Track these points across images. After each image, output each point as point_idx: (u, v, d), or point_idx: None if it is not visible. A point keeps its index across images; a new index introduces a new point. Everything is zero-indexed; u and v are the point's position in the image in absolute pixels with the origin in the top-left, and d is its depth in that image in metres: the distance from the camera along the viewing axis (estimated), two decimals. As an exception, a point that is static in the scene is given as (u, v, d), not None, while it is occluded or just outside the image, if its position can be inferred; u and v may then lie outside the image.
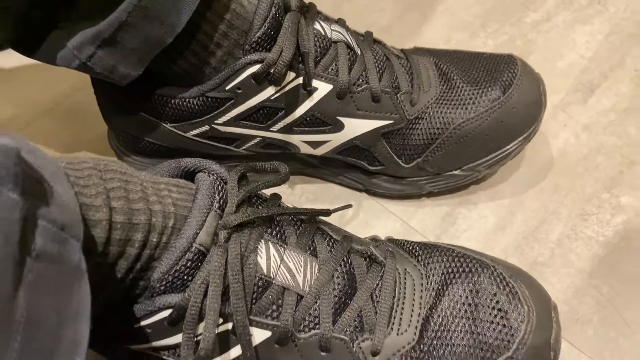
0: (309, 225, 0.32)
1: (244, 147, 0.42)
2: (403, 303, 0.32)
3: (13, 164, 0.19)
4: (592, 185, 0.45)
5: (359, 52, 0.40)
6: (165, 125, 0.40)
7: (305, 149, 0.42)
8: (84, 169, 0.25)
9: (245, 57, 0.36)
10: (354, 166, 0.44)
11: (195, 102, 0.38)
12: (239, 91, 0.37)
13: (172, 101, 0.38)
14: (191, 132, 0.40)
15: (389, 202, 0.45)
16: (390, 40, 0.46)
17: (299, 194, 0.46)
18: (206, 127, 0.40)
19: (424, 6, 0.58)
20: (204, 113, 0.39)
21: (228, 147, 0.42)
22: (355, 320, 0.31)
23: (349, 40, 0.40)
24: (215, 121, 0.39)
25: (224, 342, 0.29)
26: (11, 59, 0.55)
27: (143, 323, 0.28)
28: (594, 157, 0.46)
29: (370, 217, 0.45)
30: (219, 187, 0.29)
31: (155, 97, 0.39)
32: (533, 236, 0.43)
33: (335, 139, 0.41)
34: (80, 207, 0.22)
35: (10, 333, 0.18)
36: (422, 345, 0.31)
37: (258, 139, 0.41)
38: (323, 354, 0.30)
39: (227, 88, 0.37)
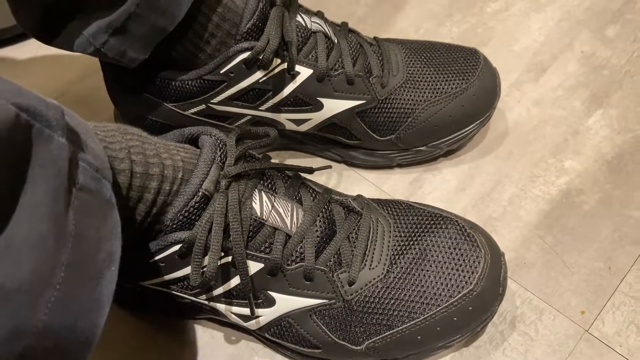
0: (295, 180, 0.40)
1: (236, 124, 0.50)
2: (374, 245, 0.40)
3: (60, 117, 0.26)
4: (541, 151, 0.53)
5: (336, 41, 0.48)
6: (166, 104, 0.48)
7: (290, 126, 0.50)
8: (108, 130, 0.33)
9: (237, 45, 0.43)
10: (334, 141, 0.52)
11: (193, 84, 0.46)
12: (232, 75, 0.45)
13: (173, 83, 0.46)
14: (190, 111, 0.48)
15: (365, 171, 0.53)
16: (365, 30, 0.53)
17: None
18: (203, 106, 0.47)
19: (396, -1, 0.66)
20: (201, 94, 0.46)
21: (222, 124, 0.49)
22: (334, 257, 0.38)
23: (327, 31, 0.47)
24: (211, 101, 0.47)
25: (225, 273, 0.37)
26: (19, 51, 0.63)
27: (157, 257, 0.36)
28: (543, 128, 0.55)
29: (349, 184, 0.53)
30: (220, 145, 0.36)
31: (158, 79, 0.46)
32: (488, 196, 0.51)
33: (316, 117, 0.49)
34: (108, 158, 0.30)
35: (64, 242, 0.25)
36: (389, 278, 0.39)
37: (248, 117, 0.49)
38: (307, 282, 0.38)
39: (221, 72, 0.45)
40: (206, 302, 0.39)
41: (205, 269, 0.34)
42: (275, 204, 0.37)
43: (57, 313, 0.24)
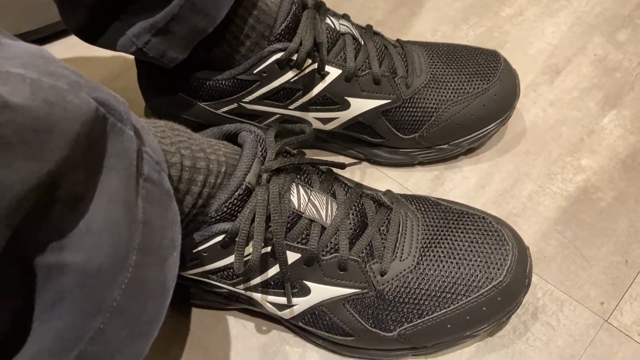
0: (329, 175, 0.42)
1: (265, 123, 0.52)
2: (404, 237, 0.42)
3: (128, 111, 0.28)
4: (557, 150, 0.55)
5: (363, 43, 0.50)
6: (199, 103, 0.50)
7: (317, 125, 0.52)
8: (158, 125, 0.35)
9: (271, 46, 0.45)
10: (357, 139, 0.54)
11: (226, 84, 0.48)
12: (264, 74, 0.47)
13: (207, 83, 0.48)
14: (222, 109, 0.50)
15: (387, 169, 0.55)
16: (384, 33, 0.55)
17: (310, 164, 0.56)
18: (235, 105, 0.49)
19: (412, 3, 0.69)
20: (234, 93, 0.48)
21: (252, 122, 0.52)
22: (366, 248, 0.40)
23: (354, 33, 0.50)
24: (243, 100, 0.49)
25: (263, 263, 0.39)
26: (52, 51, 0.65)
27: (200, 248, 0.37)
28: (559, 128, 0.57)
29: (372, 181, 0.55)
30: (260, 141, 0.38)
31: (192, 79, 0.48)
32: (508, 193, 0.53)
33: (342, 116, 0.51)
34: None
35: (136, 227, 0.27)
36: (419, 269, 0.41)
37: (277, 116, 0.51)
38: (341, 272, 0.40)
39: (254, 72, 0.47)
40: (243, 292, 0.41)
41: (248, 258, 0.36)
42: (311, 197, 0.39)
43: (130, 294, 0.26)
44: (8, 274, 0.23)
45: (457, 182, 0.54)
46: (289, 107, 0.50)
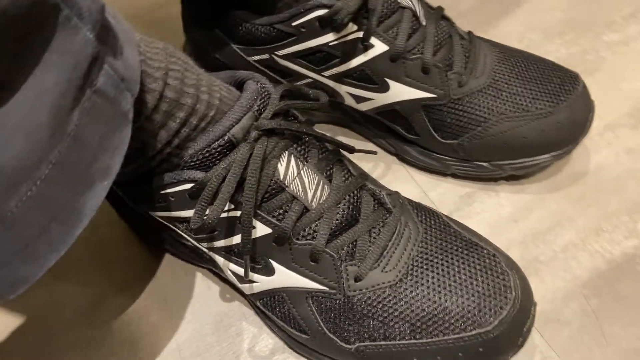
0: (332, 155, 0.38)
1: (296, 84, 0.48)
2: (395, 247, 0.37)
3: (97, 11, 0.25)
4: (616, 205, 0.48)
5: (424, 23, 0.45)
6: (233, 45, 0.47)
7: (350, 101, 0.48)
8: (154, 47, 0.32)
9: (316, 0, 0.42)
10: (391, 130, 0.49)
11: (262, 30, 0.45)
12: (303, 30, 0.43)
13: (244, 24, 0.45)
14: (253, 57, 0.47)
15: (415, 171, 0.50)
16: (463, 25, 0.50)
17: (335, 142, 0.52)
18: (267, 56, 0.46)
19: (507, 0, 0.62)
20: (268, 42, 0.45)
21: (282, 80, 0.48)
22: (348, 246, 0.36)
23: (417, 10, 0.44)
24: (276, 52, 0.45)
25: (230, 227, 0.36)
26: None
27: (168, 190, 0.35)
28: (626, 180, 0.49)
29: (394, 180, 0.50)
30: (263, 95, 0.35)
31: (231, 16, 0.45)
32: (542, 236, 0.46)
33: (378, 99, 0.46)
34: (141, 73, 0.29)
35: (60, 139, 0.24)
36: (399, 287, 0.36)
37: (309, 80, 0.47)
38: (312, 263, 0.36)
39: (293, 24, 0.43)
40: (206, 251, 0.38)
41: (206, 217, 0.33)
42: (302, 172, 0.36)
43: (30, 209, 0.23)
44: None
45: (488, 207, 0.48)
46: (323, 74, 0.46)
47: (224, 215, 0.35)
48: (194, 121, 0.33)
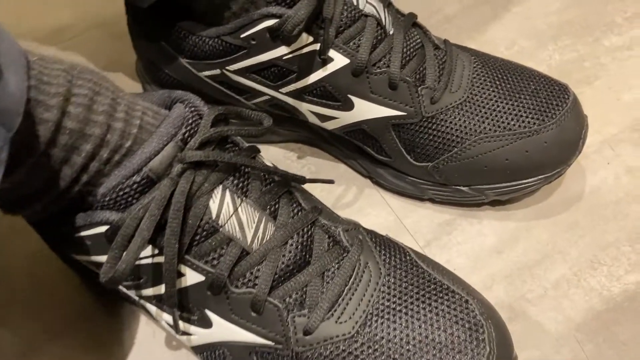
0: (279, 187, 0.33)
1: (253, 102, 0.43)
2: (352, 294, 0.32)
3: None
4: (615, 233, 0.42)
5: (390, 32, 0.40)
6: (181, 59, 0.42)
7: (314, 120, 0.43)
8: (55, 69, 0.27)
9: (264, 9, 0.37)
10: (363, 150, 0.44)
11: (210, 43, 0.40)
12: (253, 42, 0.38)
13: (190, 37, 0.40)
14: (204, 73, 0.42)
15: (390, 196, 0.45)
16: (447, 31, 0.45)
17: (303, 163, 0.47)
18: (217, 71, 0.41)
19: (499, 3, 0.57)
20: (217, 56, 0.40)
21: (238, 97, 0.43)
22: (297, 293, 0.31)
23: (382, 17, 0.40)
24: (227, 67, 0.41)
25: (156, 274, 0.31)
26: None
27: (83, 233, 0.30)
28: (628, 204, 0.44)
29: (366, 205, 0.45)
30: (190, 120, 0.30)
31: (176, 28, 0.41)
32: (529, 270, 0.41)
33: (343, 118, 0.42)
34: (29, 101, 0.25)
35: None
36: (355, 342, 0.31)
37: (267, 97, 0.42)
38: (254, 314, 0.31)
39: (242, 36, 0.38)
40: (137, 299, 0.34)
41: (117, 267, 0.28)
42: (239, 209, 0.31)
43: None
44: None
45: (469, 236, 0.43)
46: (280, 90, 0.41)
47: (147, 261, 0.31)
48: (105, 154, 0.29)
